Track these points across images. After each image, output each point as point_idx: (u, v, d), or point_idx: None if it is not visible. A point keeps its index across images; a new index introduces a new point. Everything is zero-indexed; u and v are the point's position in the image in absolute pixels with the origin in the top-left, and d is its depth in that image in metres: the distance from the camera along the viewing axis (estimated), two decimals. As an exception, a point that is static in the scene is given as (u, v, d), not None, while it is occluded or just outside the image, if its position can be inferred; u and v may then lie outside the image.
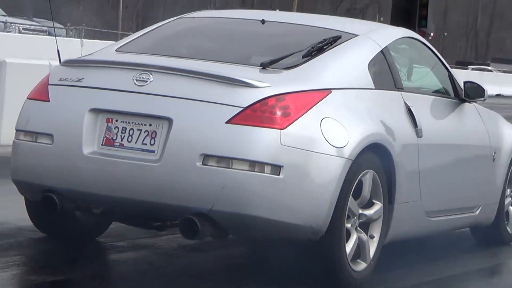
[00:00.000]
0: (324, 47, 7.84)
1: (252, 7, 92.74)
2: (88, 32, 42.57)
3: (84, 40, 30.85)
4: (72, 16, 59.85)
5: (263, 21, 8.52)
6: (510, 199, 10.08)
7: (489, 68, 79.48)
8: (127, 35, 10.42)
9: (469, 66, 78.29)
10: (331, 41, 7.95)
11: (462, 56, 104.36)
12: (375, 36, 8.54)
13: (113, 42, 9.85)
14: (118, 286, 7.44)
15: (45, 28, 41.75)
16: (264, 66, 7.42)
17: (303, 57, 7.65)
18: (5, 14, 45.22)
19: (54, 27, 11.89)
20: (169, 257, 8.41)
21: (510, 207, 10.14)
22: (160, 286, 7.44)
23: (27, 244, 8.17)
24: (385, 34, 8.78)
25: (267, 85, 7.17)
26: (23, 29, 41.64)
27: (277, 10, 9.45)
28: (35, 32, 40.25)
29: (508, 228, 10.08)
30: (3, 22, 41.68)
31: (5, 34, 33.44)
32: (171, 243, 8.67)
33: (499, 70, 73.85)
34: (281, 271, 7.86)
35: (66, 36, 41.53)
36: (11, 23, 42.52)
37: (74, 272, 7.55)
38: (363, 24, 9.39)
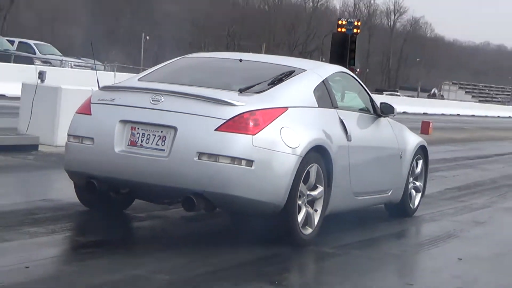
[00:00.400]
0: (283, 78, 8.28)
1: (233, 50, 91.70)
2: (119, 67, 42.94)
3: (116, 73, 31.59)
4: (108, 56, 61.63)
5: (240, 60, 8.89)
6: (412, 184, 10.37)
7: (398, 93, 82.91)
8: (145, 69, 10.61)
9: (383, 92, 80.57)
10: (288, 74, 8.41)
11: (379, 85, 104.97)
12: (318, 70, 8.89)
13: (136, 74, 10.10)
14: (139, 244, 7.69)
15: (89, 65, 42.41)
16: (241, 91, 7.80)
17: (268, 85, 8.08)
18: (61, 55, 46.04)
19: (95, 64, 12.01)
20: (174, 225, 8.70)
21: (412, 190, 10.40)
22: (168, 245, 7.62)
23: (75, 215, 8.47)
24: (325, 69, 9.10)
25: (243, 104, 7.51)
26: (74, 65, 42.10)
27: (251, 53, 9.73)
28: (81, 67, 40.94)
29: (410, 205, 10.44)
30: (60, 60, 42.66)
31: (61, 69, 34.86)
32: (176, 214, 8.91)
33: (404, 95, 76.34)
34: (252, 234, 8.19)
35: (103, 70, 41.96)
36: (65, 61, 43.10)
37: (108, 234, 7.92)
38: (310, 63, 9.64)
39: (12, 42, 44.51)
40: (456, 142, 27.37)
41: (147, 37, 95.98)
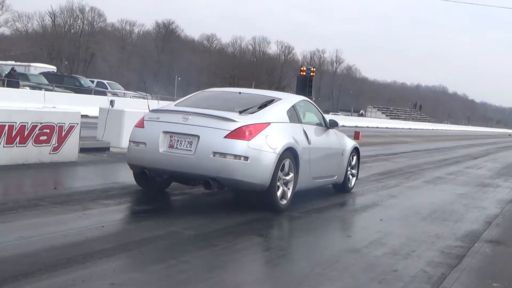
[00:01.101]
0: (267, 104, 8.31)
1: (234, 86, 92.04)
2: (161, 97, 42.88)
3: (159, 101, 31.74)
4: (153, 90, 62.01)
5: (240, 93, 8.87)
6: (349, 171, 10.29)
7: (339, 114, 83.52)
8: (178, 99, 10.57)
9: (330, 113, 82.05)
10: (270, 101, 8.46)
11: (326, 108, 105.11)
12: (289, 99, 8.87)
13: (172, 101, 10.06)
14: (174, 211, 7.70)
15: (142, 96, 42.52)
16: (241, 112, 7.84)
17: (257, 108, 8.09)
18: (124, 89, 46.68)
19: (147, 96, 12.02)
20: (197, 198, 8.57)
21: (350, 175, 10.33)
22: (193, 211, 7.61)
23: (133, 192, 8.36)
24: (294, 98, 9.07)
25: (242, 120, 7.56)
26: (132, 96, 42.35)
27: (247, 88, 9.69)
28: (137, 97, 41.32)
29: (349, 185, 10.37)
30: (123, 93, 43.87)
31: (124, 98, 34.89)
32: (198, 191, 8.84)
33: (343, 115, 76.85)
34: (246, 205, 8.09)
35: (151, 99, 41.78)
36: (127, 93, 43.42)
37: (154, 204, 7.85)
38: (284, 94, 9.47)
39: (92, 81, 44.61)
40: (376, 145, 27.41)
41: (179, 78, 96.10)
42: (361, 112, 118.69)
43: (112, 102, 14.01)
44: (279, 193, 7.75)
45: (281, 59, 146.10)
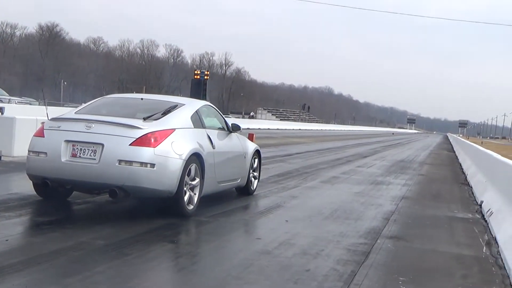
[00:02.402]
0: (171, 110, 8.31)
1: (123, 91, 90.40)
2: (47, 103, 41.01)
3: (47, 106, 29.85)
4: (39, 95, 58.60)
5: (142, 99, 8.80)
6: (251, 174, 10.46)
7: (229, 116, 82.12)
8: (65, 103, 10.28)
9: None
10: (173, 107, 8.46)
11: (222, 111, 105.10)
12: (192, 104, 8.90)
13: (73, 108, 9.76)
14: (80, 221, 7.34)
15: (27, 102, 40.42)
16: (145, 119, 7.79)
17: (161, 114, 8.07)
18: (8, 94, 43.98)
19: (45, 104, 11.63)
20: (101, 206, 8.40)
21: (252, 178, 10.50)
22: (99, 220, 7.35)
23: (34, 203, 8.07)
24: (196, 103, 9.10)
25: (147, 127, 7.51)
26: (17, 102, 39.96)
27: (134, 92, 9.58)
28: (23, 103, 38.96)
29: (251, 187, 10.54)
30: (8, 98, 40.25)
31: (9, 105, 32.24)
32: (101, 199, 8.70)
33: (234, 117, 75.67)
34: (153, 211, 8.05)
35: (38, 105, 39.49)
36: (12, 99, 41.07)
37: (58, 214, 7.57)
38: (186, 99, 9.40)
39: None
40: (271, 146, 27.81)
41: (65, 82, 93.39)
42: (251, 114, 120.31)
43: (1, 109, 13.48)
44: (186, 198, 7.76)
45: (170, 62, 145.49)
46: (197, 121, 8.52)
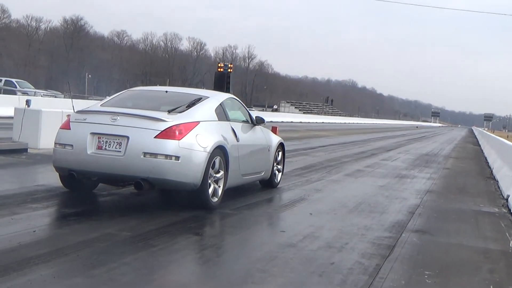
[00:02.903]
0: (195, 103, 8.32)
1: (146, 84, 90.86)
2: (73, 96, 41.23)
3: (72, 99, 29.69)
4: (64, 88, 58.53)
5: (166, 91, 8.83)
6: (275, 167, 10.50)
7: (253, 109, 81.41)
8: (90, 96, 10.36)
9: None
10: (198, 99, 8.46)
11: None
12: (217, 97, 8.91)
13: (98, 101, 9.83)
14: (106, 212, 7.39)
15: (53, 94, 40.97)
16: (169, 112, 7.80)
17: (186, 107, 8.09)
18: (34, 88, 44.31)
19: (71, 96, 11.73)
20: (126, 198, 8.46)
21: (276, 171, 10.52)
22: (125, 212, 7.47)
23: (60, 194, 8.17)
24: (221, 96, 9.11)
25: (171, 120, 7.53)
26: (43, 95, 40.35)
27: (173, 87, 9.60)
28: (48, 96, 39.45)
29: (275, 180, 10.56)
30: (33, 92, 40.88)
31: (35, 97, 32.03)
32: (126, 191, 8.76)
33: (257, 110, 75.40)
34: (177, 203, 8.10)
35: (63, 98, 39.76)
36: (38, 92, 41.38)
37: (84, 206, 7.68)
38: (211, 92, 9.53)
39: (0, 80, 42.91)
40: (294, 139, 27.78)
41: (89, 75, 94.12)
42: (274, 107, 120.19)
43: (28, 102, 13.60)
44: (210, 191, 7.78)
45: (193, 56, 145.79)
46: (221, 113, 8.54)
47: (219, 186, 8.05)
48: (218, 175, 7.99)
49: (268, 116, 63.08)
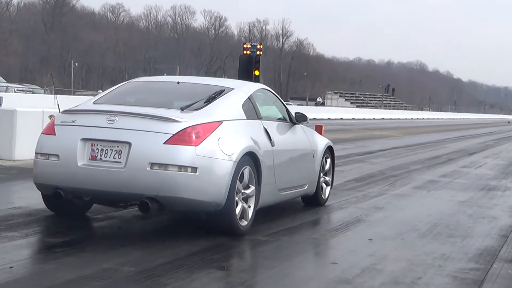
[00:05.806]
0: (216, 97, 8.31)
1: (150, 73, 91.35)
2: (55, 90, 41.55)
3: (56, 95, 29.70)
4: (43, 81, 59.48)
5: (178, 82, 8.87)
6: (322, 179, 10.48)
7: (290, 103, 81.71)
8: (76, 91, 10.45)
9: None
10: (219, 92, 8.46)
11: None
12: (244, 88, 8.92)
13: (90, 97, 9.93)
14: (102, 241, 7.44)
15: (30, 89, 41.06)
16: (183, 109, 7.79)
17: (204, 102, 8.09)
18: (6, 81, 43.88)
19: (54, 92, 11.85)
20: (128, 222, 8.59)
21: (323, 183, 10.48)
22: (126, 240, 7.49)
23: (43, 219, 8.31)
24: (249, 87, 9.13)
25: (186, 120, 7.50)
26: (17, 90, 40.37)
27: (165, 74, 9.67)
28: (24, 92, 39.51)
29: (322, 196, 10.56)
30: (5, 86, 40.53)
31: (8, 93, 32.35)
32: (127, 214, 8.86)
33: (295, 104, 76.08)
34: (197, 228, 8.16)
35: (43, 94, 39.95)
36: (10, 87, 41.31)
37: (74, 234, 7.71)
38: (236, 82, 9.51)
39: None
40: (345, 142, 27.74)
41: (76, 64, 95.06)
42: (319, 100, 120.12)
43: (0, 100, 13.80)
44: (238, 211, 7.77)
45: (210, 35, 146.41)
46: (251, 110, 8.56)
47: (249, 206, 8.04)
48: (247, 191, 7.98)
49: (311, 112, 63.02)
